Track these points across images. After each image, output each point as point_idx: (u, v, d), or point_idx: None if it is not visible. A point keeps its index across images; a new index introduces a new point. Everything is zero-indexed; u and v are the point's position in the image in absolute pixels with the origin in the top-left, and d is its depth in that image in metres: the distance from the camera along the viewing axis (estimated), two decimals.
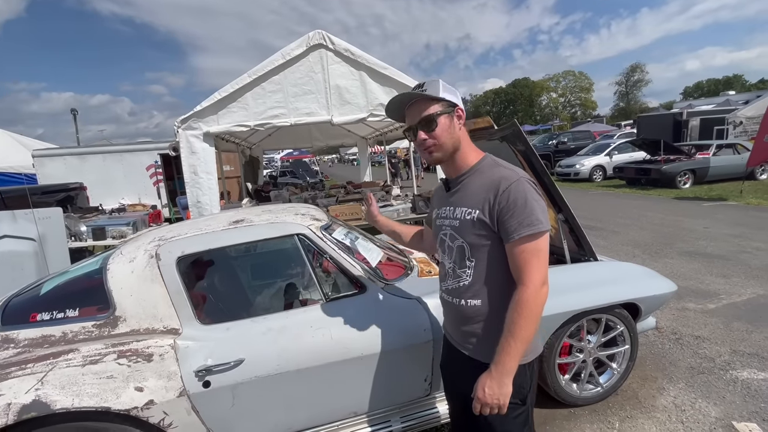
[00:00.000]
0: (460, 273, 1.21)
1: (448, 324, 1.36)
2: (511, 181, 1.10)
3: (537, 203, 1.09)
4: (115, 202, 8.85)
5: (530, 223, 1.06)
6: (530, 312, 1.04)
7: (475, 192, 1.16)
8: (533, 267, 1.06)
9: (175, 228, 1.99)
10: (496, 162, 1.20)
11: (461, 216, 1.18)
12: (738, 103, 18.21)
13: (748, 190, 8.58)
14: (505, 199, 1.08)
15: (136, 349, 1.58)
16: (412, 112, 1.19)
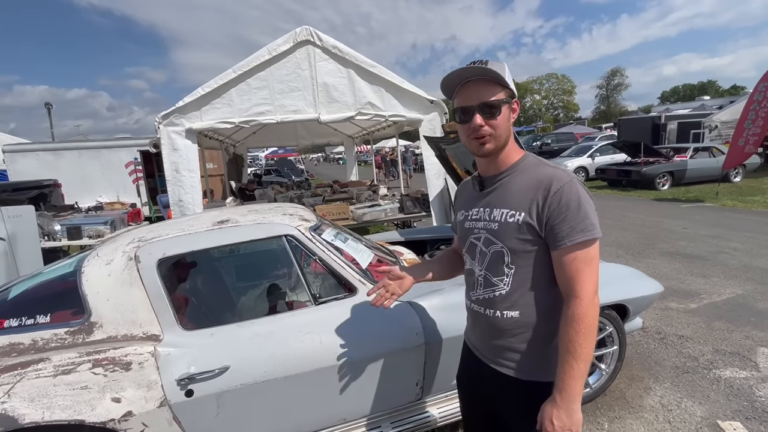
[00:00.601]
0: (496, 281, 1.09)
1: (475, 336, 1.23)
2: (563, 182, 0.99)
3: (590, 206, 0.99)
4: (92, 200, 8.55)
5: (584, 228, 0.96)
6: (587, 327, 0.94)
7: (519, 192, 1.05)
8: (586, 277, 0.96)
9: (156, 228, 1.89)
10: (541, 161, 1.09)
11: (501, 218, 1.06)
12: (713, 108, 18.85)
13: (724, 192, 8.86)
14: (557, 201, 0.97)
15: (113, 358, 1.48)
16: (471, 91, 1.03)
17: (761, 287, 3.84)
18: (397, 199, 5.81)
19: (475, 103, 1.02)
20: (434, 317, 1.81)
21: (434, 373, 1.84)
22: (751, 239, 5.42)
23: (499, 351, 1.12)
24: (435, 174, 4.61)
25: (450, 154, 2.95)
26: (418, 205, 5.24)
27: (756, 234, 5.68)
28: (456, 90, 1.07)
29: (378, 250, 2.37)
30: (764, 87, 7.63)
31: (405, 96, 4.48)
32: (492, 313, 1.11)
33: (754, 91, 7.92)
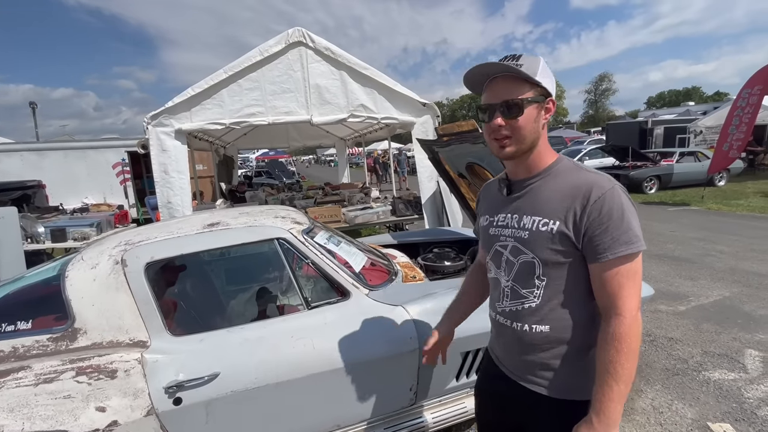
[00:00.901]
0: (526, 294, 1.01)
1: (500, 350, 1.15)
2: (605, 189, 0.90)
3: (634, 216, 0.91)
4: (78, 201, 8.37)
5: (627, 241, 0.88)
6: (629, 346, 0.87)
7: (552, 198, 0.96)
8: (628, 293, 0.89)
9: (144, 231, 1.84)
10: (578, 165, 1.00)
11: (532, 226, 0.97)
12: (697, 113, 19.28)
13: (709, 196, 9.05)
14: (597, 210, 0.89)
15: (97, 365, 1.43)
16: (496, 87, 0.96)
17: (747, 290, 3.91)
18: (389, 201, 5.80)
19: (497, 102, 0.95)
20: (428, 321, 1.79)
21: (428, 378, 1.82)
22: (737, 242, 5.53)
23: (528, 367, 1.04)
24: (427, 177, 4.61)
25: (443, 156, 2.95)
26: (410, 208, 5.24)
27: (741, 237, 5.79)
28: (485, 86, 1.00)
29: (371, 253, 2.35)
30: (747, 94, 7.82)
31: (397, 98, 4.48)
32: (519, 327, 1.03)
33: (737, 97, 8.12)
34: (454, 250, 3.03)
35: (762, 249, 5.14)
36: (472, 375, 1.93)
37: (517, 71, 0.92)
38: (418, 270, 2.39)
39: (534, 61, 0.94)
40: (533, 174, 1.01)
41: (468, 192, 3.03)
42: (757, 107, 7.63)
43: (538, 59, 0.95)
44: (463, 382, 1.93)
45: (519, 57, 0.95)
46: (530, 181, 1.02)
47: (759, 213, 7.43)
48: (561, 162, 1.01)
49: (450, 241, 3.33)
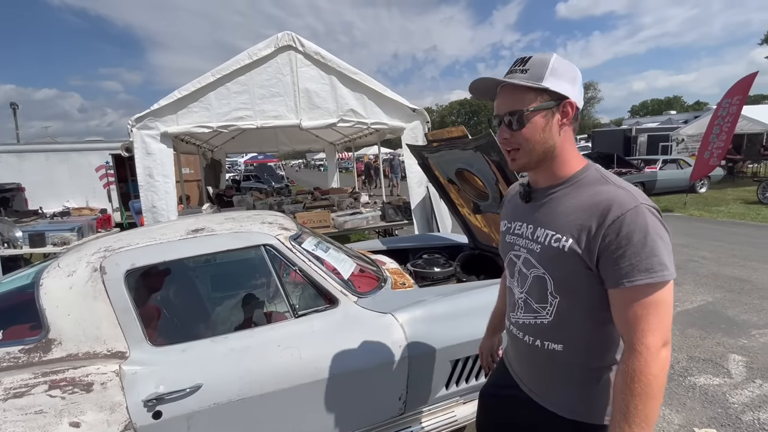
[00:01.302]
0: (538, 308, 0.95)
1: (514, 359, 1.11)
2: (626, 208, 0.79)
3: (661, 240, 0.78)
4: (59, 205, 8.15)
5: (649, 268, 0.77)
6: (646, 386, 0.76)
7: (569, 212, 0.87)
8: (649, 326, 0.77)
9: (125, 237, 1.78)
10: (604, 176, 0.89)
11: (544, 240, 0.90)
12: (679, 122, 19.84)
13: (691, 203, 9.26)
14: (615, 232, 0.79)
15: (72, 378, 1.37)
16: (502, 97, 0.91)
17: (729, 295, 3.98)
18: (379, 207, 5.78)
19: (501, 113, 0.91)
20: (418, 329, 1.77)
21: (418, 387, 1.79)
22: (719, 248, 5.65)
23: (538, 381, 1.00)
24: (417, 182, 4.61)
25: (432, 162, 2.94)
26: (399, 213, 5.22)
27: (722, 243, 5.93)
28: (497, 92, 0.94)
29: (360, 260, 2.31)
30: (727, 104, 8.06)
31: (387, 104, 4.48)
32: (532, 341, 0.98)
33: (718, 107, 8.36)
34: (444, 256, 3.01)
35: (742, 255, 5.27)
36: (461, 383, 1.90)
37: (512, 84, 0.87)
38: (408, 277, 2.37)
39: (542, 63, 0.87)
40: (556, 183, 0.93)
41: (457, 198, 3.02)
42: (737, 117, 7.86)
43: (548, 59, 0.87)
44: (452, 391, 1.90)
45: (527, 60, 0.89)
46: (552, 191, 0.94)
47: (739, 219, 7.63)
48: (587, 171, 0.91)
49: (439, 247, 3.32)
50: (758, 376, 2.63)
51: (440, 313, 1.86)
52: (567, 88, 0.88)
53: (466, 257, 2.95)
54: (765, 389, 2.49)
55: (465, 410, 1.94)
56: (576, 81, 0.89)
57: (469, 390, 1.93)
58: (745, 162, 14.18)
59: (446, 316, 1.85)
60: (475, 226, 3.02)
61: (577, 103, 0.89)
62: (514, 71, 0.90)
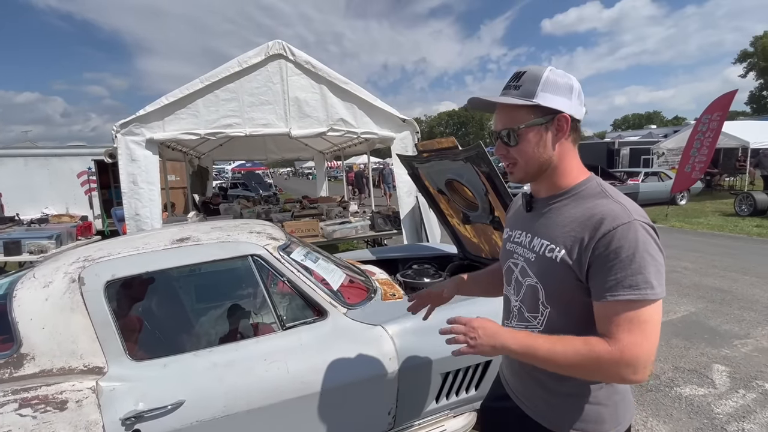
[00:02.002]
0: (529, 317, 0.96)
1: (506, 369, 1.12)
2: (618, 222, 0.79)
3: (651, 258, 0.78)
4: (37, 211, 7.89)
5: (633, 285, 0.76)
6: (595, 368, 0.79)
7: (565, 223, 0.88)
8: (632, 340, 0.77)
9: (106, 246, 1.72)
10: (604, 190, 0.89)
11: (539, 250, 0.91)
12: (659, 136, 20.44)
13: (672, 214, 9.49)
14: (605, 245, 0.79)
15: (45, 396, 1.30)
16: (498, 114, 0.94)
17: (711, 305, 4.07)
18: (368, 216, 5.76)
19: (498, 129, 0.93)
20: (408, 341, 1.74)
21: (408, 401, 1.76)
22: (700, 258, 5.79)
23: (528, 392, 1.00)
24: (406, 192, 4.61)
25: (422, 172, 2.95)
26: (389, 223, 5.21)
27: (703, 254, 6.08)
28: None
29: (349, 270, 2.28)
30: (707, 119, 8.34)
31: (377, 114, 4.49)
32: None
33: (697, 122, 8.63)
34: (434, 266, 3.00)
35: (722, 266, 5.40)
36: (452, 396, 1.88)
37: (502, 103, 0.89)
38: (398, 287, 2.34)
39: (534, 78, 0.87)
40: (556, 193, 0.94)
41: (447, 208, 3.03)
42: (718, 132, 8.13)
43: (541, 74, 0.87)
44: (443, 404, 1.87)
45: (521, 76, 0.89)
46: (552, 201, 0.95)
47: (718, 231, 7.85)
48: (587, 184, 0.92)
49: (429, 257, 3.31)
50: (741, 386, 2.67)
51: (431, 324, 1.82)
52: (561, 101, 0.87)
53: (456, 267, 2.95)
54: (748, 399, 2.53)
55: (455, 424, 1.91)
56: (572, 92, 0.88)
57: (459, 403, 1.91)
58: (722, 175, 14.67)
59: (437, 328, 1.81)
60: (464, 237, 3.02)
61: (575, 114, 0.89)
62: (509, 87, 0.91)
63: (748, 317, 3.75)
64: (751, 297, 4.25)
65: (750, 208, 9.10)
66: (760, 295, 4.28)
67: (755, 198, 9.02)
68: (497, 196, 2.33)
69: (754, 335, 3.39)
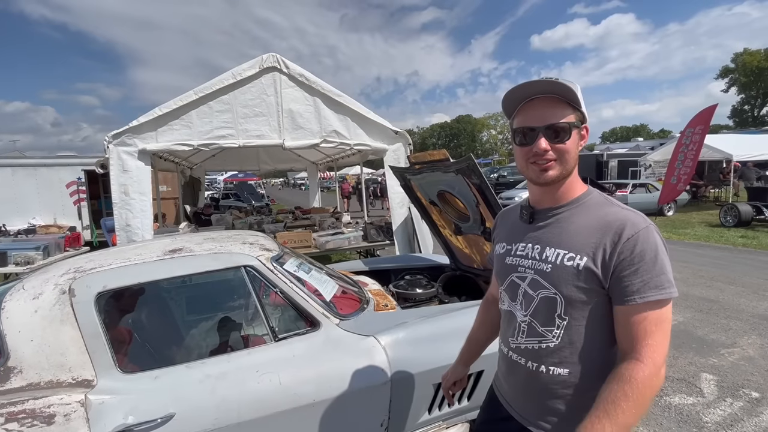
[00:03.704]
0: (544, 332, 0.93)
1: (509, 389, 1.06)
2: (639, 227, 0.84)
3: (667, 259, 0.84)
4: (24, 222, 7.76)
5: (659, 285, 0.81)
6: (641, 396, 0.77)
7: (580, 232, 0.89)
8: (655, 341, 0.80)
9: (97, 257, 1.71)
10: (609, 199, 0.93)
11: (556, 260, 0.90)
12: (646, 148, 20.88)
13: (660, 225, 9.65)
14: (629, 249, 0.82)
15: (32, 409, 1.27)
16: (538, 109, 0.89)
17: (699, 314, 4.13)
18: (361, 227, 5.77)
19: (541, 125, 0.88)
20: (400, 352, 1.75)
21: (400, 412, 1.76)
22: (686, 269, 5.89)
23: (540, 411, 0.96)
24: (399, 203, 4.65)
25: (414, 184, 2.99)
26: (381, 234, 5.23)
27: (689, 264, 6.18)
28: (518, 108, 0.92)
29: (342, 281, 2.29)
30: (691, 132, 8.58)
31: (370, 126, 4.55)
32: (535, 367, 0.95)
33: (681, 135, 8.88)
34: (426, 277, 3.02)
35: (709, 275, 5.50)
36: (444, 407, 1.88)
37: (565, 89, 0.87)
38: (390, 298, 2.35)
39: (574, 85, 0.88)
40: (560, 203, 0.95)
41: (439, 219, 3.06)
42: (700, 145, 8.36)
43: (575, 84, 0.88)
44: (435, 415, 1.87)
45: (556, 79, 0.88)
46: (557, 211, 0.95)
47: (704, 241, 8.00)
48: (592, 194, 0.95)
49: (421, 267, 3.33)
50: (728, 395, 2.70)
51: (423, 335, 1.85)
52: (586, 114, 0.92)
53: (448, 278, 2.97)
54: (735, 408, 2.56)
55: None
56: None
57: (452, 414, 1.91)
58: (707, 187, 15.00)
59: (429, 339, 1.84)
60: (456, 247, 3.05)
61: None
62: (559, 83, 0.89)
63: (735, 326, 3.82)
64: (737, 306, 4.33)
65: (735, 219, 9.30)
66: (746, 305, 4.37)
67: (739, 209, 9.23)
68: (488, 207, 2.38)
69: (740, 344, 3.45)
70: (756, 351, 3.31)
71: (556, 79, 0.87)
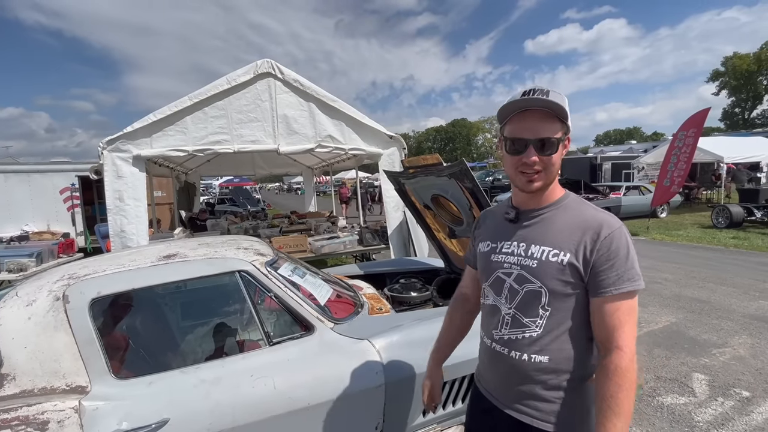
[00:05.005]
0: (528, 322, 1.01)
1: (491, 377, 1.13)
2: (613, 227, 0.95)
3: (635, 256, 0.95)
4: (17, 228, 7.70)
5: (631, 278, 0.92)
6: (630, 382, 0.88)
7: (563, 230, 0.99)
8: (630, 329, 0.91)
9: (91, 263, 1.72)
10: (584, 201, 1.05)
11: (541, 256, 0.99)
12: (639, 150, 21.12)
13: (653, 227, 9.76)
14: (606, 247, 0.93)
15: (25, 416, 1.28)
16: (530, 121, 0.95)
17: (691, 315, 4.18)
18: (356, 231, 5.78)
19: (532, 137, 0.95)
20: (394, 355, 1.76)
21: (394, 415, 1.77)
22: (679, 270, 5.95)
23: (520, 396, 1.03)
24: (393, 207, 4.67)
25: (409, 188, 3.01)
26: (377, 238, 5.24)
27: (682, 265, 6.25)
28: (510, 117, 0.99)
29: (337, 285, 2.31)
30: (683, 135, 8.69)
31: (365, 130, 4.58)
32: (518, 356, 1.02)
33: (674, 138, 8.99)
34: (420, 280, 3.04)
35: (701, 276, 5.56)
36: (438, 410, 1.89)
37: (558, 107, 0.93)
38: (385, 302, 2.37)
39: (562, 98, 0.95)
40: (542, 205, 1.04)
41: (433, 223, 3.09)
42: (694, 147, 8.46)
43: (564, 97, 0.95)
44: (430, 418, 1.88)
45: (548, 92, 0.93)
46: (539, 212, 1.04)
47: (696, 243, 8.08)
48: (570, 196, 1.05)
49: (416, 271, 3.34)
50: (719, 394, 2.74)
51: (417, 338, 1.86)
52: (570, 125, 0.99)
53: (443, 281, 2.99)
54: (726, 407, 2.59)
55: None
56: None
57: (446, 417, 1.92)
58: (700, 189, 15.16)
59: (423, 341, 1.85)
60: (450, 251, 3.07)
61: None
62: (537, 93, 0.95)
63: (726, 326, 3.86)
64: (728, 307, 4.38)
65: (726, 220, 9.41)
66: (737, 305, 4.42)
67: (731, 211, 9.34)
68: (481, 210, 2.40)
69: (731, 344, 3.49)
70: (747, 351, 3.35)
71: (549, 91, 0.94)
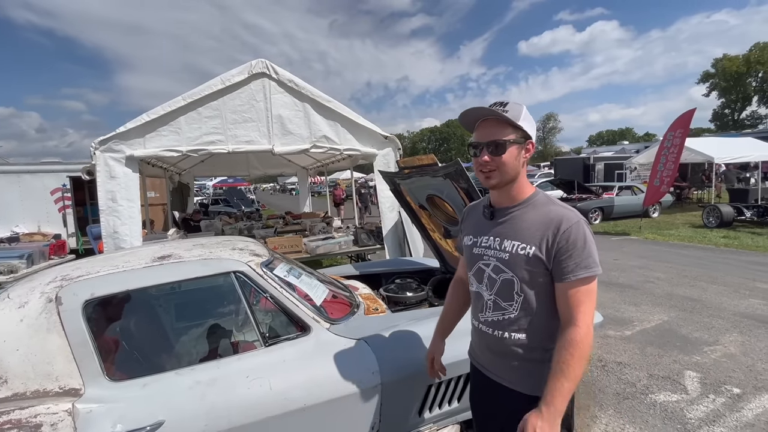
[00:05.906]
0: (506, 306, 1.19)
1: (481, 354, 1.33)
2: (572, 222, 1.09)
3: (593, 246, 1.10)
4: (7, 230, 7.59)
5: (587, 266, 1.07)
6: (582, 353, 1.04)
7: (530, 227, 1.14)
8: (586, 308, 1.07)
9: (84, 265, 1.70)
10: (550, 199, 1.19)
11: (512, 249, 1.15)
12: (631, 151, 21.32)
13: (645, 227, 9.85)
14: (565, 240, 1.08)
15: (18, 420, 1.26)
16: (485, 128, 1.15)
17: (683, 314, 4.23)
18: (351, 231, 5.78)
19: (485, 141, 1.13)
20: (391, 355, 1.77)
21: (391, 416, 1.77)
22: (671, 269, 6.02)
23: (503, 366, 1.23)
24: (389, 207, 4.68)
25: (404, 188, 3.02)
26: (372, 238, 5.24)
27: (674, 264, 6.32)
28: (476, 125, 1.18)
29: (332, 285, 2.30)
30: (672, 136, 8.79)
31: (360, 131, 4.58)
32: (500, 335, 1.21)
33: (663, 139, 9.09)
34: (416, 280, 3.04)
35: (692, 275, 5.63)
36: (435, 409, 1.90)
37: (502, 116, 1.10)
38: (380, 302, 2.37)
39: (518, 108, 1.13)
40: (514, 203, 1.19)
41: (428, 223, 3.09)
42: (681, 147, 8.57)
43: (522, 107, 1.13)
44: (426, 417, 1.89)
45: (506, 104, 1.13)
46: (511, 210, 1.19)
47: (688, 242, 8.18)
48: (537, 195, 1.19)
49: (412, 271, 3.35)
50: (711, 392, 2.77)
51: (413, 338, 1.87)
52: (532, 131, 1.16)
53: (438, 281, 3.00)
54: (717, 404, 2.63)
55: None
56: (534, 129, 1.17)
57: (442, 416, 1.93)
58: (691, 189, 15.35)
59: (419, 341, 1.86)
60: (446, 251, 3.08)
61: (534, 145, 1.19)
62: (497, 105, 1.14)
63: (717, 324, 3.92)
64: (719, 305, 4.44)
65: (717, 220, 9.53)
66: (728, 303, 4.48)
67: (721, 210, 9.47)
68: None
69: (723, 342, 3.54)
70: (737, 348, 3.40)
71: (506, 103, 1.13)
